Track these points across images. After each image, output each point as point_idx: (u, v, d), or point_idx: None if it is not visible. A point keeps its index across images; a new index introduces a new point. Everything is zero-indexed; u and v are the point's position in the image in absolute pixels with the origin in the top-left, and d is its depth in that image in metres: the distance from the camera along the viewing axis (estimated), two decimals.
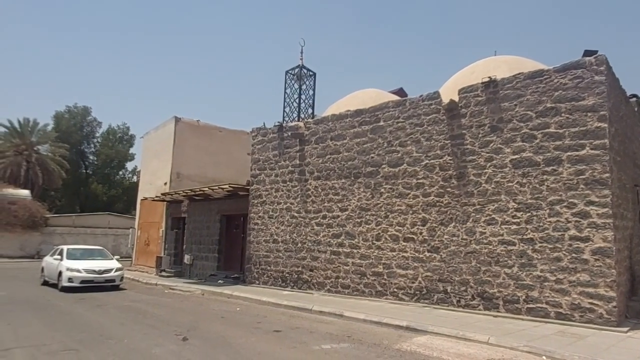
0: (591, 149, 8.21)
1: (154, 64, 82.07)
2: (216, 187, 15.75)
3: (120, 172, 49.01)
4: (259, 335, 7.62)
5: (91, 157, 47.18)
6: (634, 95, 11.58)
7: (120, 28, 78.59)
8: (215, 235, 17.37)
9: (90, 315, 9.65)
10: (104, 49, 76.86)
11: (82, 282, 13.59)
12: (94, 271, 13.95)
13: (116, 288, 14.30)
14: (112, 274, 14.30)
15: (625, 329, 7.45)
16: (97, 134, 47.13)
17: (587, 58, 8.56)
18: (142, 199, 23.22)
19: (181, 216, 19.69)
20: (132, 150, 47.99)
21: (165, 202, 20.50)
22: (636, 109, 11.70)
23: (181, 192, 17.80)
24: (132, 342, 7.03)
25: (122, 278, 14.78)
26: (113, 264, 14.93)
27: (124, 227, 31.01)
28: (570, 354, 6.11)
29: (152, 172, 22.58)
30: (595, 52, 8.83)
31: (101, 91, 73.52)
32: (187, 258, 17.97)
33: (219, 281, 15.54)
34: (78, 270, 13.71)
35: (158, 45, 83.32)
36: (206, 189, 16.27)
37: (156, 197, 20.06)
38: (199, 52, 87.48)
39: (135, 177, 40.99)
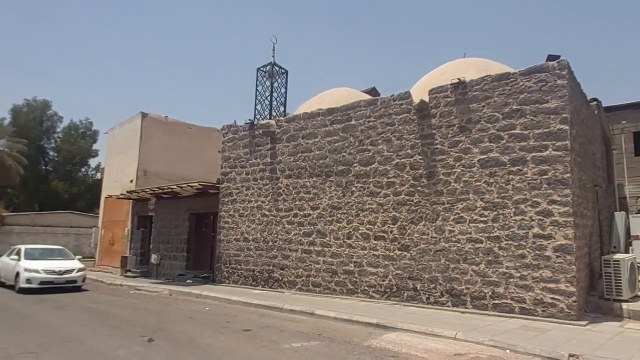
0: (554, 150, 8.52)
1: (120, 58, 79.64)
2: (185, 185, 15.42)
3: (83, 169, 47.17)
4: (228, 335, 7.50)
5: (51, 153, 45.17)
6: (594, 99, 12.13)
7: (83, 19, 75.80)
8: (184, 234, 17.01)
9: (50, 317, 9.24)
10: (65, 40, 73.95)
11: (41, 283, 13.02)
12: (54, 272, 13.38)
13: (78, 289, 13.78)
14: (73, 274, 13.78)
15: (585, 322, 7.77)
16: (58, 129, 45.14)
17: (551, 62, 8.87)
18: (106, 197, 22.47)
19: (148, 215, 19.18)
20: (95, 146, 46.27)
21: (131, 200, 19.91)
22: (596, 112, 12.24)
23: (148, 189, 17.33)
24: (94, 345, 6.77)
25: (84, 279, 14.26)
26: (75, 264, 14.38)
27: (86, 226, 29.92)
28: (532, 347, 6.32)
29: (117, 169, 21.88)
30: (558, 56, 9.18)
31: (62, 84, 70.68)
32: (154, 257, 17.52)
33: (188, 281, 15.23)
34: (37, 271, 13.13)
35: (124, 38, 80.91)
36: (175, 186, 15.91)
37: (121, 194, 19.45)
38: (167, 46, 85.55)
39: (99, 174, 39.63)
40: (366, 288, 10.79)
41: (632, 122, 16.49)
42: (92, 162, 47.01)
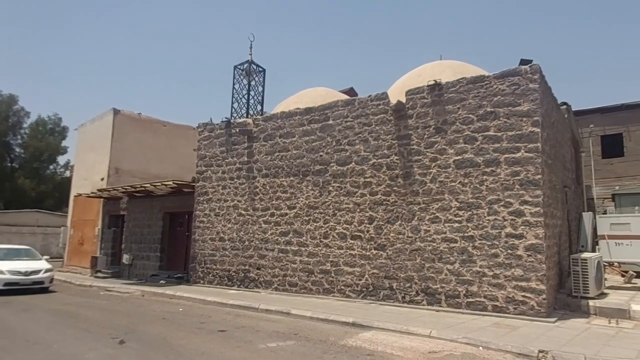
0: (526, 151, 8.74)
1: (91, 53, 77.41)
2: (159, 184, 15.10)
3: (51, 167, 45.59)
4: (203, 336, 7.38)
5: (18, 150, 43.45)
6: (564, 103, 12.52)
7: (51, 12, 73.32)
8: (157, 233, 16.65)
9: (15, 319, 8.88)
10: (33, 34, 71.38)
11: (6, 284, 12.51)
12: (19, 272, 12.88)
13: (45, 291, 13.30)
14: (40, 275, 13.28)
15: (554, 319, 7.99)
16: (25, 125, 43.44)
17: (523, 67, 9.09)
18: (76, 195, 21.77)
19: (120, 214, 18.69)
20: (64, 143, 44.80)
21: (102, 199, 19.35)
22: (566, 116, 12.64)
23: (120, 188, 16.89)
24: (62, 347, 6.53)
25: (52, 280, 13.77)
26: (42, 264, 13.88)
27: (54, 225, 28.93)
28: (504, 344, 6.46)
29: (88, 167, 21.24)
30: (531, 61, 9.41)
31: (30, 79, 68.18)
32: (125, 258, 17.09)
33: (161, 281, 14.92)
34: (1, 272, 12.61)
35: (96, 33, 78.72)
36: (148, 185, 15.55)
37: (92, 193, 18.89)
38: (142, 42, 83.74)
39: (68, 172, 38.38)
40: (343, 287, 10.81)
41: (600, 126, 17.13)
42: (61, 160, 45.54)
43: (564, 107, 12.56)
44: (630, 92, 63.36)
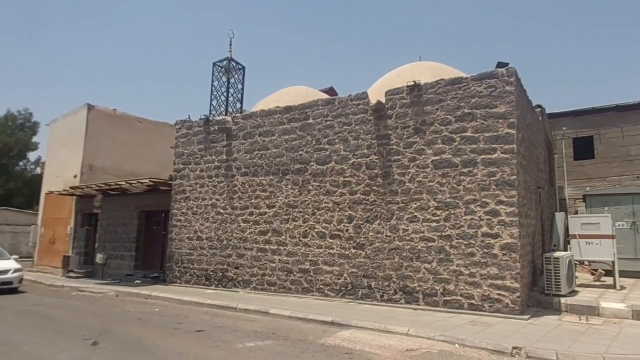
0: (501, 152, 8.92)
1: (65, 49, 75.18)
2: (134, 182, 14.78)
3: (21, 163, 43.98)
4: (179, 336, 7.26)
5: None
6: (539, 106, 12.84)
7: (23, 3, 70.82)
8: (132, 232, 16.29)
9: None
10: (1, 25, 68.79)
11: None
12: None
13: (14, 291, 12.87)
14: (9, 275, 12.85)
15: (527, 316, 8.19)
16: None
17: (500, 69, 9.27)
18: (47, 193, 21.11)
19: (93, 212, 18.22)
20: (35, 139, 43.20)
21: (74, 197, 18.83)
22: (540, 118, 12.97)
23: (94, 185, 16.46)
24: (32, 349, 6.32)
25: (21, 280, 13.33)
26: (10, 264, 13.41)
27: (24, 223, 27.93)
28: (479, 341, 6.58)
29: (60, 164, 20.61)
30: (507, 64, 9.61)
31: None
32: (99, 257, 16.67)
33: (136, 281, 14.61)
34: None
35: (69, 26, 76.47)
36: (123, 183, 15.21)
37: (64, 190, 18.34)
38: (117, 37, 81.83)
39: (39, 169, 37.19)
40: (321, 286, 10.82)
41: (572, 129, 17.64)
42: (32, 156, 43.97)
43: (539, 109, 12.89)
44: (603, 96, 65.63)
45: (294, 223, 11.49)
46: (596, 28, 69.90)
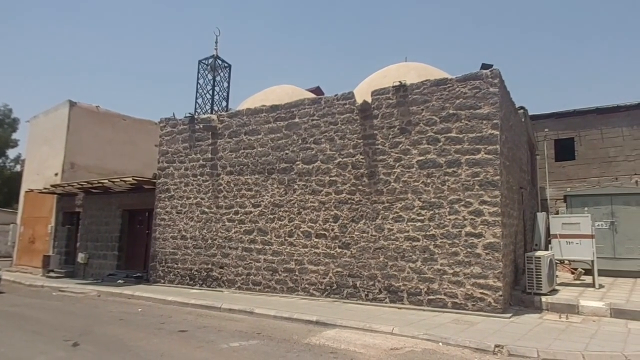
0: (485, 153, 9.03)
1: (48, 46, 73.60)
2: (118, 180, 14.55)
3: (0, 160, 43.06)
4: (162, 337, 7.17)
5: None
6: (522, 108, 13.05)
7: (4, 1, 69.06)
8: (115, 231, 16.05)
9: None
10: None
11: None
12: None
13: None
14: None
15: (509, 315, 8.31)
16: None
17: (484, 71, 9.38)
18: (27, 191, 20.64)
19: (75, 210, 17.88)
20: (15, 136, 42.21)
21: (55, 195, 18.45)
22: (523, 120, 13.18)
23: (76, 184, 16.14)
24: (10, 351, 6.17)
25: None
26: None
27: (3, 222, 27.26)
28: (462, 339, 6.66)
29: (41, 161, 20.17)
30: (491, 65, 9.72)
31: None
32: (81, 257, 16.38)
33: (119, 281, 14.40)
34: None
35: (53, 21, 74.88)
36: (106, 181, 14.95)
37: (45, 189, 17.95)
38: (101, 33, 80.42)
39: (18, 166, 36.34)
40: (307, 286, 10.81)
41: (554, 131, 17.96)
42: (11, 153, 42.89)
43: (521, 111, 13.09)
44: (584, 99, 66.97)
45: (280, 222, 11.45)
46: (578, 32, 71.33)
